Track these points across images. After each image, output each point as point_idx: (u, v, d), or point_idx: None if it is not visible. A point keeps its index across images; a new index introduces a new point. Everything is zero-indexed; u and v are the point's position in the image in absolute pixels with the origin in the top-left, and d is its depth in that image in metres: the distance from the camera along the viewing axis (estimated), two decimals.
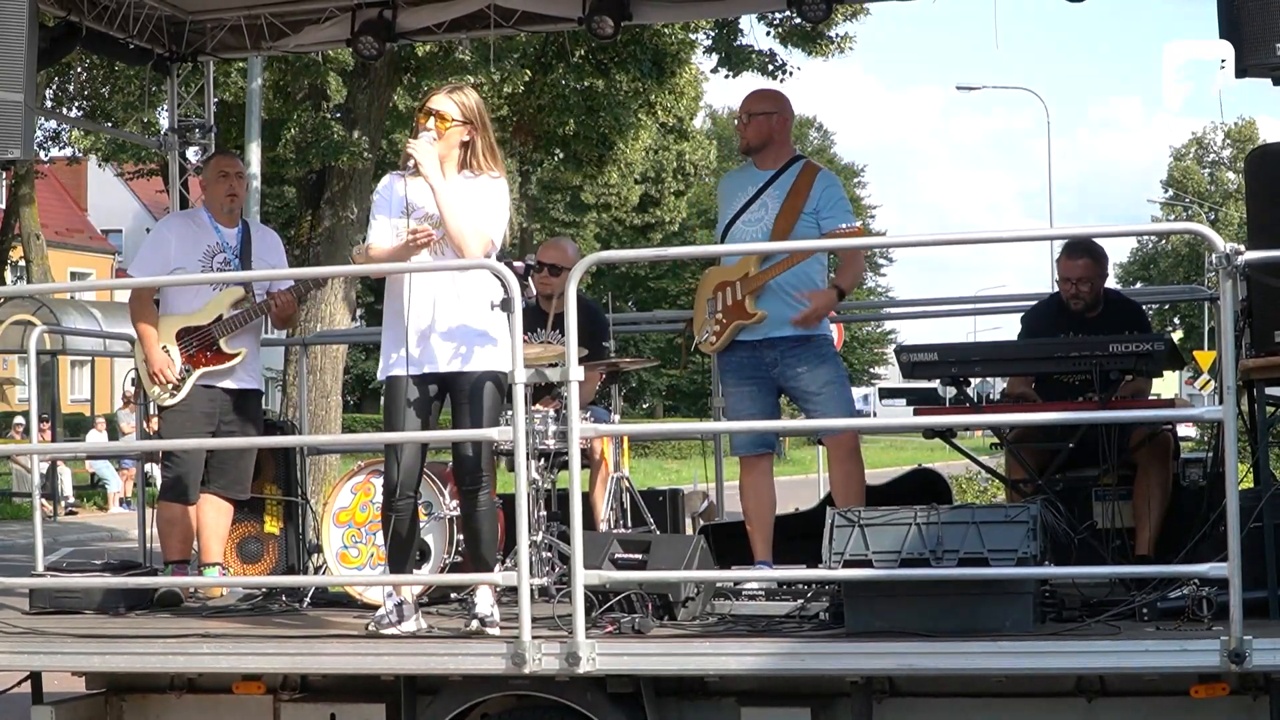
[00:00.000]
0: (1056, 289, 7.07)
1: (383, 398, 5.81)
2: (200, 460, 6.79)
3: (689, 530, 7.49)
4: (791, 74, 17.06)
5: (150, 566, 7.14)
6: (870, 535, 5.02)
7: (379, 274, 5.77)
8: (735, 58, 16.99)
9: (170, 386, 6.78)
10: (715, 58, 17.55)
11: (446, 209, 5.49)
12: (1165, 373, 6.22)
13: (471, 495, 5.63)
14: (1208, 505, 5.61)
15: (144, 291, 7.00)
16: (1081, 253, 6.72)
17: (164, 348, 6.80)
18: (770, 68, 16.96)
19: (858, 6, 14.65)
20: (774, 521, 6.50)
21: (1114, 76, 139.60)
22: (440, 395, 5.67)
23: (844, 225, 6.29)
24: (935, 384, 6.61)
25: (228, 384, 6.86)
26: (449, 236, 5.51)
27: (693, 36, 17.43)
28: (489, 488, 5.67)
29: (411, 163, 5.51)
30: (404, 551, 5.70)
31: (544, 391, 6.77)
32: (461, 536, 6.03)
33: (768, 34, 16.59)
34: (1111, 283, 7.00)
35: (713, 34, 17.12)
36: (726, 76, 17.27)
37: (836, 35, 17.23)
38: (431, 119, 5.56)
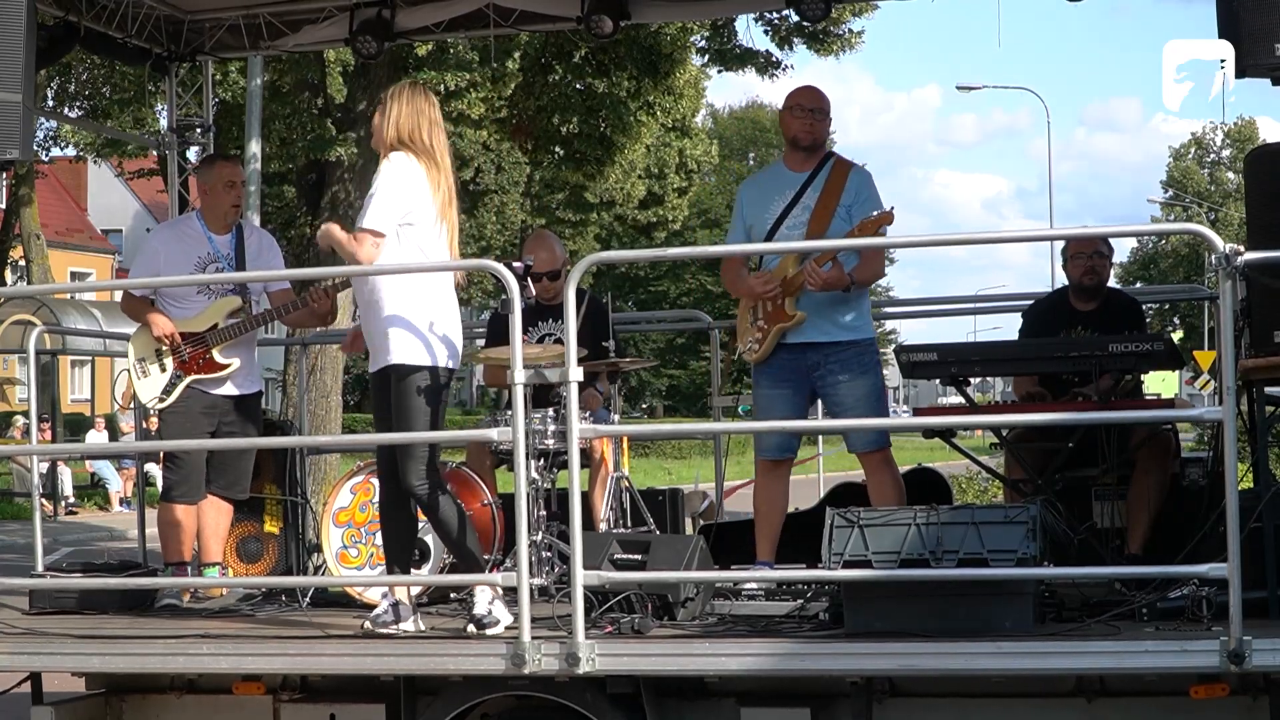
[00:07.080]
0: (1054, 288, 7.08)
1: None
2: (202, 461, 6.75)
3: (689, 530, 7.48)
4: (787, 71, 17.03)
5: (149, 566, 7.13)
6: (870, 535, 5.02)
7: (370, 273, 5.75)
8: (728, 56, 16.94)
9: (171, 370, 6.72)
10: (706, 57, 17.53)
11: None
12: (1165, 373, 6.22)
13: (421, 502, 5.58)
14: (1208, 505, 5.61)
15: (138, 298, 6.96)
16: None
17: (157, 351, 6.76)
18: (765, 65, 16.91)
19: (865, 5, 14.57)
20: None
21: (1114, 76, 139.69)
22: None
23: (875, 213, 6.00)
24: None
25: (225, 390, 6.79)
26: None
27: (691, 39, 17.38)
28: (436, 489, 5.59)
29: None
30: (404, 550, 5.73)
31: (544, 393, 6.73)
32: None
33: (765, 33, 16.53)
34: (1112, 283, 7.04)
35: (707, 35, 17.05)
36: (720, 71, 17.19)
37: (846, 30, 17.06)
38: None
